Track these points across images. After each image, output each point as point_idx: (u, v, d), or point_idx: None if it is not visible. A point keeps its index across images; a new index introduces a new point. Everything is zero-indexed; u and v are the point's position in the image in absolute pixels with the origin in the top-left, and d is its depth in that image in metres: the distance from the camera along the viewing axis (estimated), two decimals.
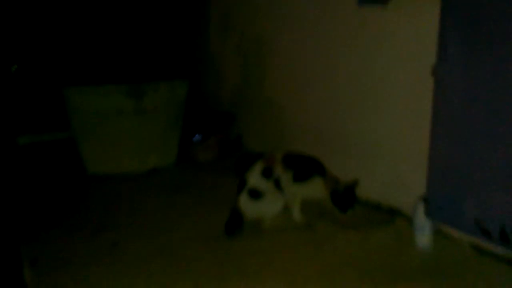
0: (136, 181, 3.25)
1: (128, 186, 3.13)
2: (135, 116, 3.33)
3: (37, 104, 4.00)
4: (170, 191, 2.99)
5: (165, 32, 4.45)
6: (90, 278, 1.87)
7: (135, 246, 2.17)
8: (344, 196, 2.28)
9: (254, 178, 2.28)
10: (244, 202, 2.27)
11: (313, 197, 2.36)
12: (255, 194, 2.26)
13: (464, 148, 1.84)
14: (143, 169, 3.41)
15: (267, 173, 2.28)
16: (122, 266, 1.98)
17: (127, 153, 3.39)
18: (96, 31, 4.15)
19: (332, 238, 2.20)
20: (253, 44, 3.63)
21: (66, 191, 3.10)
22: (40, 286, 1.82)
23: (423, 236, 2.04)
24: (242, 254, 2.04)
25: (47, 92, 3.91)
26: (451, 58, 1.86)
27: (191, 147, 3.70)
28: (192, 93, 3.76)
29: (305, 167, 2.32)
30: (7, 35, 3.82)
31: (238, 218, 2.25)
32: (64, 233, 2.35)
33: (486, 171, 1.76)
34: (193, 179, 3.26)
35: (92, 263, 2.00)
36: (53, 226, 2.45)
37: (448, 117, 1.90)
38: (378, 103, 2.45)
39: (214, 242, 2.17)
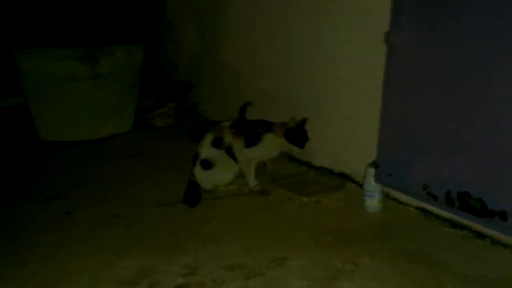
0: (92, 147, 3.21)
1: (83, 153, 3.10)
2: (90, 82, 3.26)
3: None
4: (126, 157, 2.97)
5: None
6: (44, 246, 1.85)
7: (90, 212, 2.16)
8: (297, 132, 2.31)
9: (205, 150, 2.31)
10: (199, 174, 2.30)
11: (269, 156, 2.40)
12: (207, 165, 2.28)
13: (414, 115, 1.89)
14: (99, 136, 3.36)
15: (217, 143, 2.30)
16: (76, 233, 1.97)
17: (82, 120, 3.33)
18: None
19: (285, 203, 2.24)
20: (210, 9, 3.58)
21: (19, 158, 3.03)
22: None
23: (373, 200, 2.09)
24: (197, 220, 2.06)
25: None
26: (404, 26, 1.88)
27: (147, 114, 3.66)
28: (149, 60, 3.70)
29: (253, 130, 2.34)
30: None
31: (196, 189, 2.28)
32: (16, 201, 2.31)
33: (434, 137, 1.82)
34: (149, 145, 3.25)
35: (46, 231, 1.98)
36: (4, 194, 2.40)
37: (399, 84, 1.94)
38: (332, 70, 2.46)
39: (170, 208, 2.18)
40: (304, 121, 2.35)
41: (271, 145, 2.33)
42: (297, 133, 2.31)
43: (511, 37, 1.54)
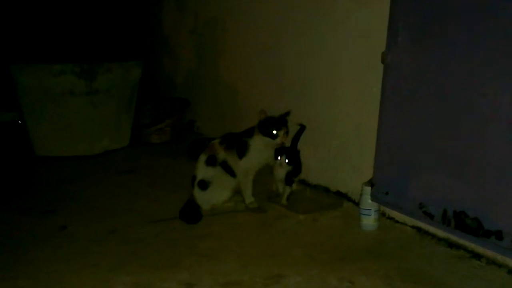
0: (88, 163, 3.20)
1: (79, 168, 3.09)
2: (87, 97, 3.26)
3: None
4: (123, 173, 2.96)
5: (118, 12, 4.36)
6: (38, 261, 1.84)
7: (85, 228, 2.14)
8: (267, 123, 2.26)
9: (201, 171, 2.31)
10: (197, 195, 2.31)
11: (266, 160, 2.36)
12: (204, 185, 2.29)
13: (410, 134, 1.90)
14: (95, 151, 3.36)
15: (211, 161, 2.30)
16: (71, 248, 1.95)
17: (79, 135, 3.32)
18: (48, 8, 4.02)
19: (282, 220, 2.24)
20: (208, 27, 3.61)
21: (14, 173, 3.02)
22: None
23: (369, 219, 2.09)
24: (194, 237, 2.05)
25: None
26: (401, 46, 1.90)
27: (144, 130, 3.66)
28: (146, 76, 3.72)
29: (240, 140, 2.33)
30: None
31: (195, 207, 2.28)
32: (12, 216, 2.30)
33: (430, 156, 1.82)
34: (145, 161, 3.24)
35: (41, 246, 1.97)
36: (0, 208, 2.39)
37: (396, 103, 1.95)
38: (329, 88, 2.48)
39: (166, 224, 2.17)
40: (286, 113, 2.31)
41: (260, 148, 2.30)
42: (267, 124, 2.26)
43: (502, 56, 1.56)
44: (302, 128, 2.45)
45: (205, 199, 2.31)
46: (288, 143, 2.40)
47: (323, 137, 2.54)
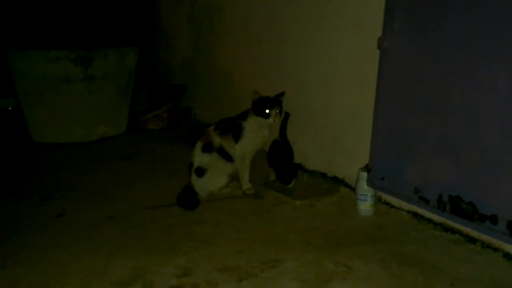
0: (85, 149, 3.20)
1: (76, 155, 3.09)
2: (84, 83, 3.26)
3: None
4: (120, 159, 2.96)
5: None
6: (36, 247, 1.85)
7: (82, 214, 2.15)
8: (259, 103, 2.29)
9: (198, 158, 2.32)
10: (195, 182, 2.33)
11: (262, 141, 2.38)
12: (201, 172, 2.30)
13: (406, 119, 1.91)
14: (92, 138, 3.36)
15: (207, 148, 2.32)
16: (69, 234, 1.96)
17: (75, 122, 3.33)
18: None
19: (279, 206, 2.25)
20: (205, 13, 3.59)
21: (11, 159, 3.02)
22: None
23: (365, 204, 2.11)
24: (191, 223, 2.06)
25: None
26: (397, 32, 1.90)
27: (141, 116, 3.66)
28: (143, 63, 3.70)
29: (235, 124, 2.34)
30: None
31: (192, 194, 2.29)
32: (9, 202, 2.31)
33: (426, 141, 1.83)
34: (143, 148, 3.24)
35: (39, 232, 1.98)
36: None
37: (392, 89, 1.95)
38: (325, 74, 2.48)
39: (163, 210, 2.18)
40: (281, 94, 2.35)
41: (255, 129, 2.32)
42: (259, 104, 2.28)
43: (498, 43, 1.56)
44: (286, 115, 2.46)
45: (202, 186, 2.32)
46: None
47: (320, 123, 2.54)
